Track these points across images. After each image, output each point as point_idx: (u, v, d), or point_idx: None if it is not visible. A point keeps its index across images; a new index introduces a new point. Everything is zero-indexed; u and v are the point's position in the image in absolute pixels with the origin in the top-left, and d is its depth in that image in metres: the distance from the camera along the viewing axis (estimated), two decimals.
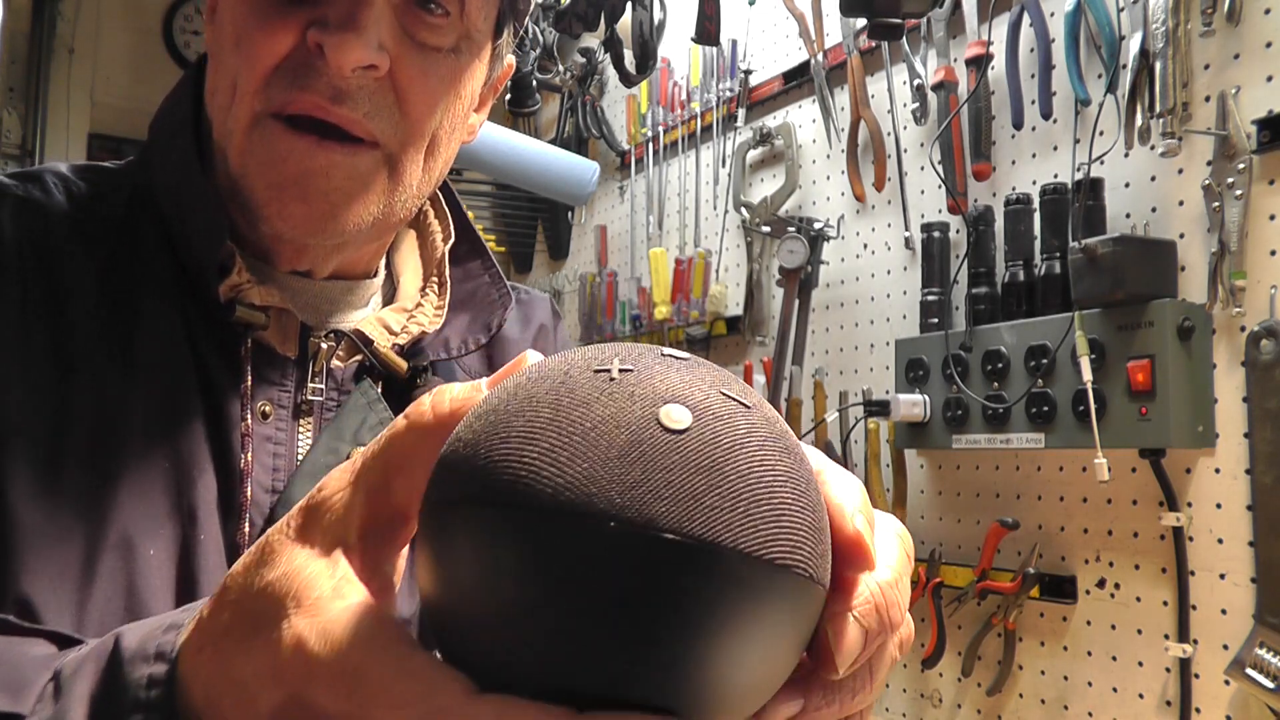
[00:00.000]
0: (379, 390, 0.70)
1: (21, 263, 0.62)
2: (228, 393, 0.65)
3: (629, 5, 2.34)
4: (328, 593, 0.34)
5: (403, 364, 0.71)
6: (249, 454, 0.64)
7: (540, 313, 0.89)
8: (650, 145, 2.62)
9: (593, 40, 2.82)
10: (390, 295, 0.77)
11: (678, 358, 0.33)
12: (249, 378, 0.65)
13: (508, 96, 2.89)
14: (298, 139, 0.62)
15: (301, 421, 0.68)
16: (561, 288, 3.07)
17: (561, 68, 2.89)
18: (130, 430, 0.61)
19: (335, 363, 0.70)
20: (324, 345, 0.69)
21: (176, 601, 0.60)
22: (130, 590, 0.58)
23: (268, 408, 0.66)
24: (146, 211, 0.68)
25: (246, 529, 0.63)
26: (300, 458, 0.67)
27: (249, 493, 0.64)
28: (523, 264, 3.29)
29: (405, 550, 0.39)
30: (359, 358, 0.71)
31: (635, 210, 2.72)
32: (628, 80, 2.48)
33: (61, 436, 0.59)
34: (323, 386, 0.69)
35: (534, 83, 2.84)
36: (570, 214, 3.01)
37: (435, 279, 0.78)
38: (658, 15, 2.35)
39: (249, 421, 0.65)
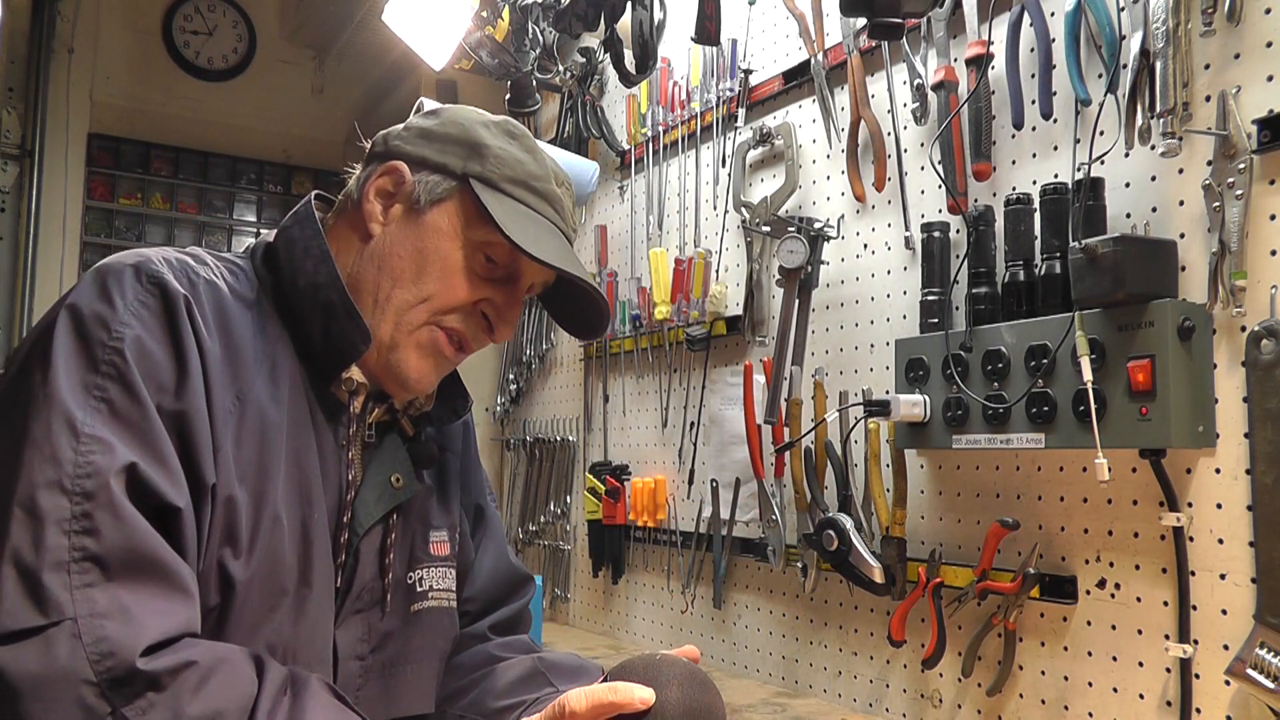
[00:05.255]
0: (398, 441, 1.11)
1: (211, 326, 0.93)
2: (336, 432, 1.03)
3: (629, 5, 2.34)
4: None
5: (410, 427, 1.13)
6: (351, 471, 1.04)
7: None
8: (650, 145, 2.62)
9: (593, 40, 2.82)
10: None
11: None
12: (353, 425, 1.05)
13: (508, 96, 2.89)
14: (455, 350, 1.07)
15: (353, 451, 1.05)
16: None
17: (561, 68, 2.89)
18: (279, 444, 0.95)
19: (376, 416, 1.09)
20: (376, 409, 1.08)
21: (299, 559, 0.95)
22: (273, 553, 0.92)
23: (344, 441, 1.04)
24: (271, 299, 1.02)
25: (349, 515, 1.03)
26: (359, 474, 1.06)
27: (353, 493, 1.04)
28: None
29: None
30: (386, 417, 1.10)
31: (635, 210, 2.72)
32: (628, 80, 2.48)
33: (240, 440, 0.92)
34: (371, 432, 1.08)
35: (534, 83, 2.84)
36: None
37: None
38: (658, 15, 2.35)
39: (352, 452, 1.05)
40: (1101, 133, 1.46)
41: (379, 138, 1.11)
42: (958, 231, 1.73)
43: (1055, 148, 1.61)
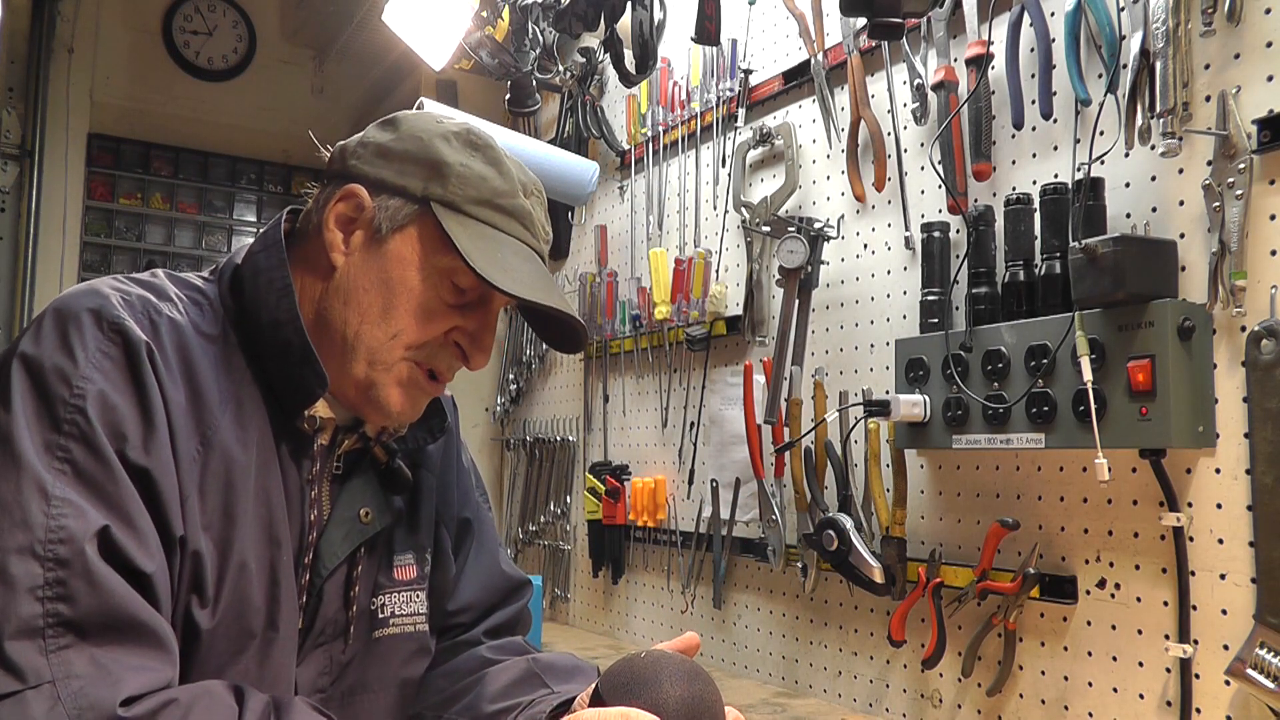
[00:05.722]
0: (369, 469, 1.09)
1: (175, 371, 0.91)
2: (301, 468, 1.01)
3: (629, 5, 2.34)
4: None
5: (384, 454, 1.10)
6: (316, 510, 1.02)
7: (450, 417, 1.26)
8: (650, 145, 2.62)
9: (593, 40, 2.82)
10: None
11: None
12: (318, 462, 1.03)
13: (508, 96, 2.89)
14: (433, 382, 1.05)
15: (318, 488, 1.04)
16: (561, 288, 3.07)
17: (561, 68, 2.89)
18: (246, 487, 0.94)
19: (347, 446, 1.07)
20: (346, 440, 1.06)
21: (266, 602, 0.95)
22: (240, 600, 0.92)
23: (310, 477, 1.03)
24: (235, 331, 0.99)
25: (311, 556, 1.02)
26: (326, 511, 1.04)
27: (316, 533, 1.02)
28: None
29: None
30: (358, 445, 1.08)
31: (635, 210, 2.72)
32: (628, 80, 2.48)
33: (205, 488, 0.91)
34: (340, 463, 1.06)
35: (534, 83, 2.85)
36: (570, 214, 3.01)
37: None
38: (658, 15, 2.35)
39: (317, 489, 1.03)
40: (1101, 133, 1.46)
41: (336, 152, 1.06)
42: (958, 231, 1.73)
43: (1055, 148, 1.61)
